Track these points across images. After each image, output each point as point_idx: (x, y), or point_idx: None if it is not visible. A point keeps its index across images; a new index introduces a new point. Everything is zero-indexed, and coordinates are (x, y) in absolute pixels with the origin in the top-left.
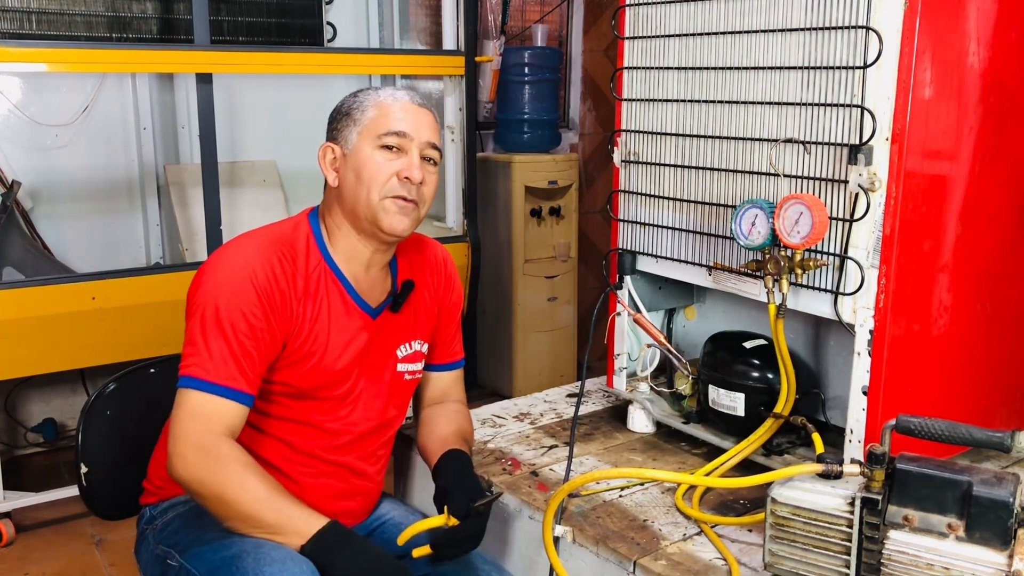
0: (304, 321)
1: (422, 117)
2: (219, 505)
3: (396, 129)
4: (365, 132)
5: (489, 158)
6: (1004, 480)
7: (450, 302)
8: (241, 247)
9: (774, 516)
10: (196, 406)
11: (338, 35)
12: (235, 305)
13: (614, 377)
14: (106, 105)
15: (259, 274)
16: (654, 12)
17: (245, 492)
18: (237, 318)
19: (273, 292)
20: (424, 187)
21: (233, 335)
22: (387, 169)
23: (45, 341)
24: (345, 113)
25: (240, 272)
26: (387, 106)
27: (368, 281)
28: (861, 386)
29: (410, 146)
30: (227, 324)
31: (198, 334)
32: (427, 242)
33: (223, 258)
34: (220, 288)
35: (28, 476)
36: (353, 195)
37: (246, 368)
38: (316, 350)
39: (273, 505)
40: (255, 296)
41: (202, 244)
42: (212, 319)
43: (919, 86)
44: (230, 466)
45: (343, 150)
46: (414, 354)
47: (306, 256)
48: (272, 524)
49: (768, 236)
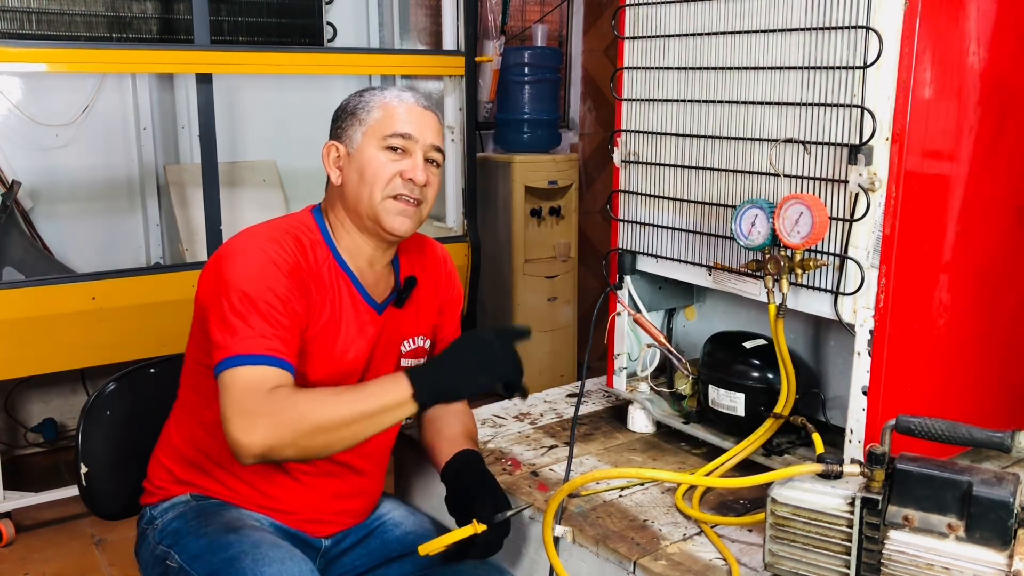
0: (320, 309)
1: (427, 120)
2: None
3: (401, 131)
4: (370, 132)
5: (489, 158)
6: (1004, 480)
7: (451, 300)
8: (253, 237)
9: (774, 516)
10: (244, 381)
11: (338, 35)
12: (263, 284)
13: (614, 377)
14: (106, 105)
15: (280, 256)
16: (654, 12)
17: (326, 409)
18: (268, 296)
19: (296, 272)
20: (427, 188)
21: (268, 310)
22: (391, 169)
23: (45, 341)
24: (350, 112)
25: (260, 257)
26: (393, 107)
27: (372, 277)
28: (861, 386)
29: (414, 148)
30: (260, 302)
31: (231, 319)
32: (427, 241)
33: (238, 249)
34: (244, 274)
35: (28, 476)
36: (356, 194)
37: (285, 339)
38: (328, 341)
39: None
40: (280, 275)
41: (202, 244)
42: (241, 302)
43: (919, 86)
44: (296, 405)
45: (347, 149)
46: (417, 349)
47: (314, 250)
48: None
49: (768, 236)
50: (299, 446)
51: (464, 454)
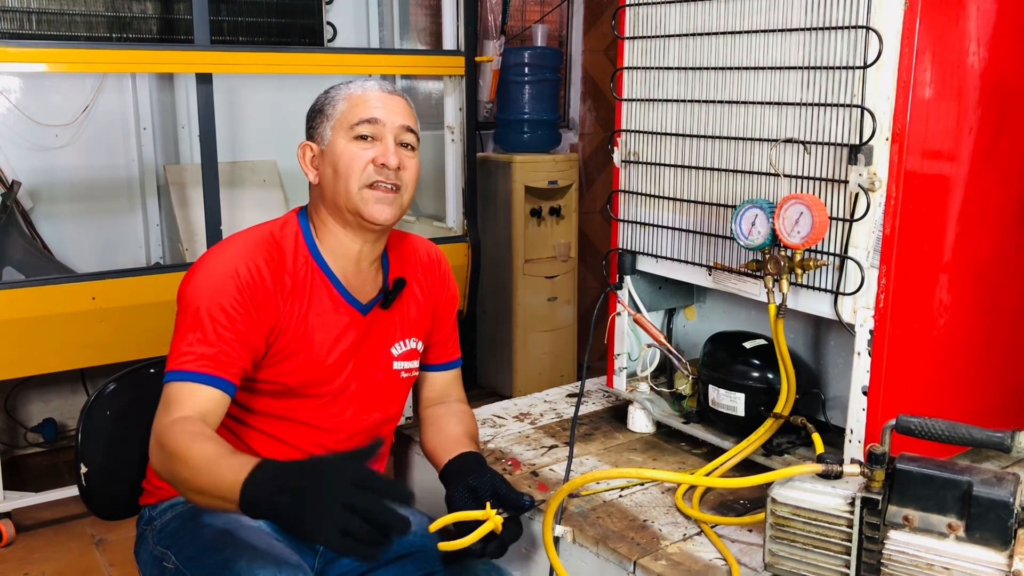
0: (290, 319)
1: (393, 103)
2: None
3: (367, 117)
4: (338, 125)
5: (489, 158)
6: (1004, 480)
7: (445, 301)
8: (224, 249)
9: (774, 516)
10: (168, 398)
11: (338, 35)
12: (215, 301)
13: (614, 377)
14: (106, 105)
15: (241, 271)
16: (654, 12)
17: (186, 465)
18: (216, 312)
19: (256, 288)
20: (404, 172)
21: (212, 327)
22: (362, 158)
23: (45, 341)
24: (318, 110)
25: (222, 271)
26: (356, 96)
27: (359, 278)
28: (861, 386)
29: (383, 132)
30: (207, 319)
31: (179, 331)
32: (421, 242)
33: (208, 261)
34: (202, 290)
35: (28, 476)
36: (333, 189)
37: (223, 357)
38: (302, 347)
39: (213, 468)
40: (235, 291)
41: (202, 244)
42: (192, 318)
43: (919, 86)
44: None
45: (320, 147)
46: (409, 352)
47: (294, 254)
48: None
49: (768, 236)
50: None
51: (470, 456)
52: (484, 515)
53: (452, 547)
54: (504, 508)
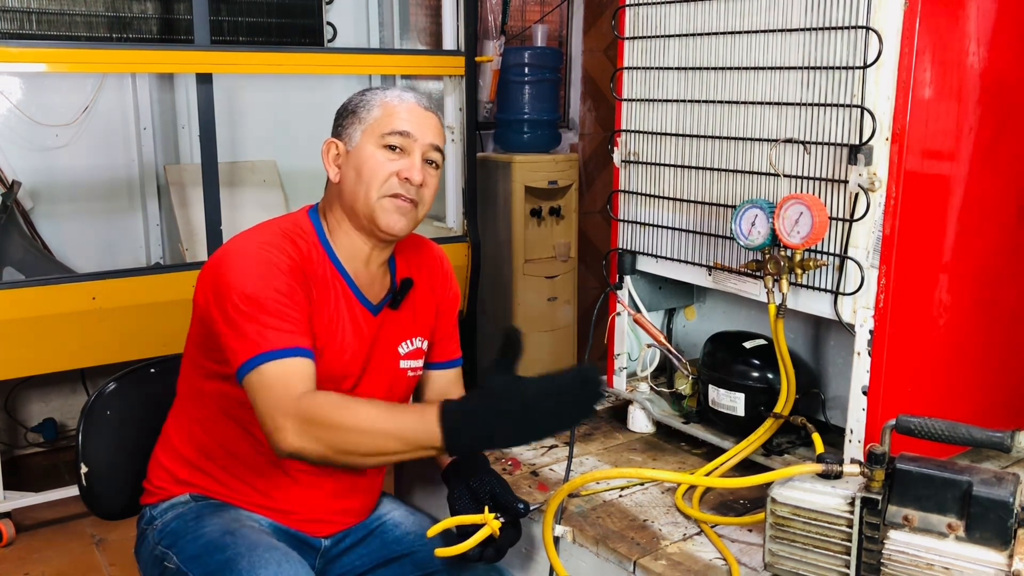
0: (318, 308)
1: (427, 120)
2: (347, 454)
3: (400, 129)
4: (369, 131)
5: (489, 158)
6: (1004, 480)
7: (448, 300)
8: (247, 240)
9: (774, 516)
10: (269, 379)
11: (338, 35)
12: (267, 284)
13: (614, 377)
14: (106, 105)
15: (279, 258)
16: (654, 12)
17: (353, 431)
18: (272, 294)
19: (296, 272)
20: (424, 189)
21: (275, 308)
22: (388, 168)
23: (45, 341)
24: (351, 111)
25: (264, 259)
26: (393, 106)
27: (368, 278)
28: (861, 386)
29: (413, 147)
30: (267, 301)
31: (241, 323)
32: (424, 242)
33: (233, 253)
34: (243, 276)
35: (28, 476)
36: (352, 192)
37: (298, 330)
38: (325, 341)
39: (390, 428)
40: (282, 275)
41: (202, 244)
42: (247, 304)
43: (919, 86)
44: (330, 413)
45: (346, 147)
46: (415, 351)
47: (310, 250)
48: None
49: (768, 236)
50: (327, 458)
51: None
52: (482, 519)
53: (449, 553)
54: (500, 513)
